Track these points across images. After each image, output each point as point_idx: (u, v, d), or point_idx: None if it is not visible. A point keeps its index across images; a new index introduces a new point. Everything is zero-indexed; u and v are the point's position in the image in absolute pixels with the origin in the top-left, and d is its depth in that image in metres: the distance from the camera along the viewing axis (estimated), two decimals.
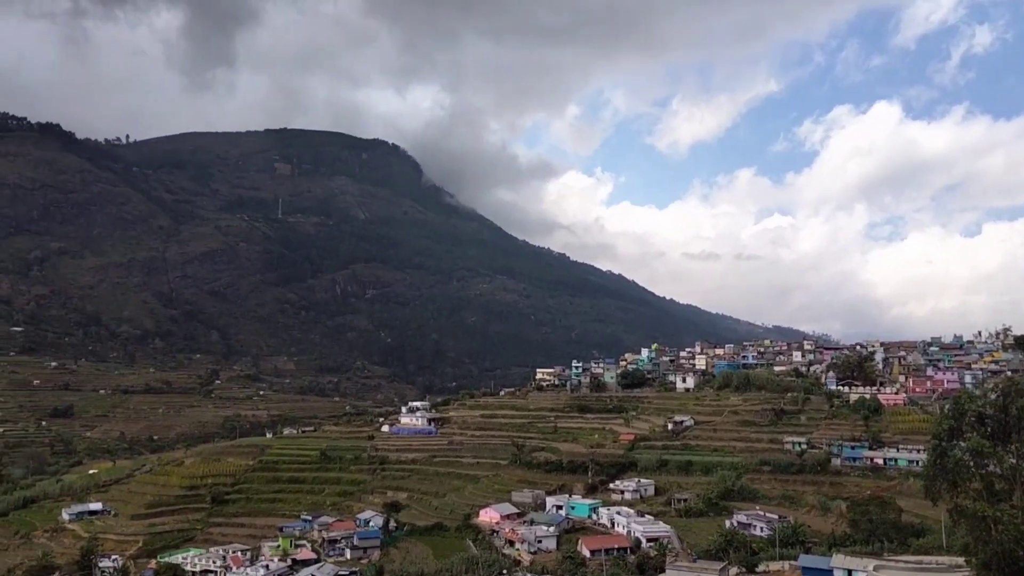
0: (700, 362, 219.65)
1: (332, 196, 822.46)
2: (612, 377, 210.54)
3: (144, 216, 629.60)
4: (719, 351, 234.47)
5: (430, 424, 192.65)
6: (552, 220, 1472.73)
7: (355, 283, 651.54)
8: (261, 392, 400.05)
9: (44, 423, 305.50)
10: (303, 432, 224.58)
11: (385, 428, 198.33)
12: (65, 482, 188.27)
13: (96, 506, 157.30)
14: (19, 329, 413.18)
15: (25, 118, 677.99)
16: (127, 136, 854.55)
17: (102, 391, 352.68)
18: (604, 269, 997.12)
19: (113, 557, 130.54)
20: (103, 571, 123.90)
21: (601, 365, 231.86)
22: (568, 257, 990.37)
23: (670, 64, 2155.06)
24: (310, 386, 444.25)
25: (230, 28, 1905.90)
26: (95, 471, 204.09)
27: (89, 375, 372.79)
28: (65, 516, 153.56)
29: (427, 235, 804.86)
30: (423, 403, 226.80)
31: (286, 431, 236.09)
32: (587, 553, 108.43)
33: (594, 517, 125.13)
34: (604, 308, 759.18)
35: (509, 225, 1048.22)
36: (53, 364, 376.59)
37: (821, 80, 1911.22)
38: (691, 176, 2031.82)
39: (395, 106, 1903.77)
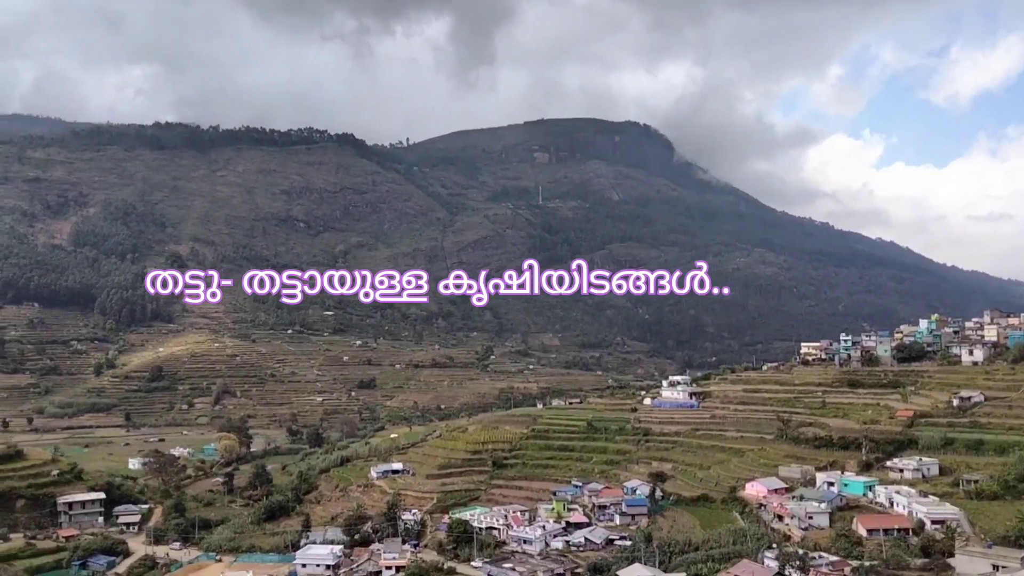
0: (990, 333, 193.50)
1: (587, 180, 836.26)
2: (886, 350, 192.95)
3: (424, 210, 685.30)
4: (1013, 320, 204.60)
5: (691, 398, 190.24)
6: (813, 188, 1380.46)
7: (612, 262, 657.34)
8: (530, 366, 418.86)
9: (353, 393, 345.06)
10: (570, 404, 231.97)
11: (647, 401, 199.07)
12: (372, 444, 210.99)
13: (397, 466, 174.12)
14: (330, 313, 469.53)
15: (326, 130, 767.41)
16: (407, 139, 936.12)
17: (397, 366, 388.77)
18: (873, 237, 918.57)
19: (413, 511, 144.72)
20: (405, 523, 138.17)
21: (873, 338, 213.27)
22: (832, 226, 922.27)
23: (947, 8, 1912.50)
24: (574, 360, 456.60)
25: (490, 28, 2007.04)
26: (395, 436, 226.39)
27: (387, 352, 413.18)
28: (373, 474, 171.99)
29: (681, 212, 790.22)
30: (684, 377, 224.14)
31: (554, 402, 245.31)
32: (863, 532, 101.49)
33: (870, 496, 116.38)
34: (874, 278, 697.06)
35: (766, 196, 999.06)
36: (358, 343, 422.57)
37: None
38: (975, 130, 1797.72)
39: (646, 86, 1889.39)
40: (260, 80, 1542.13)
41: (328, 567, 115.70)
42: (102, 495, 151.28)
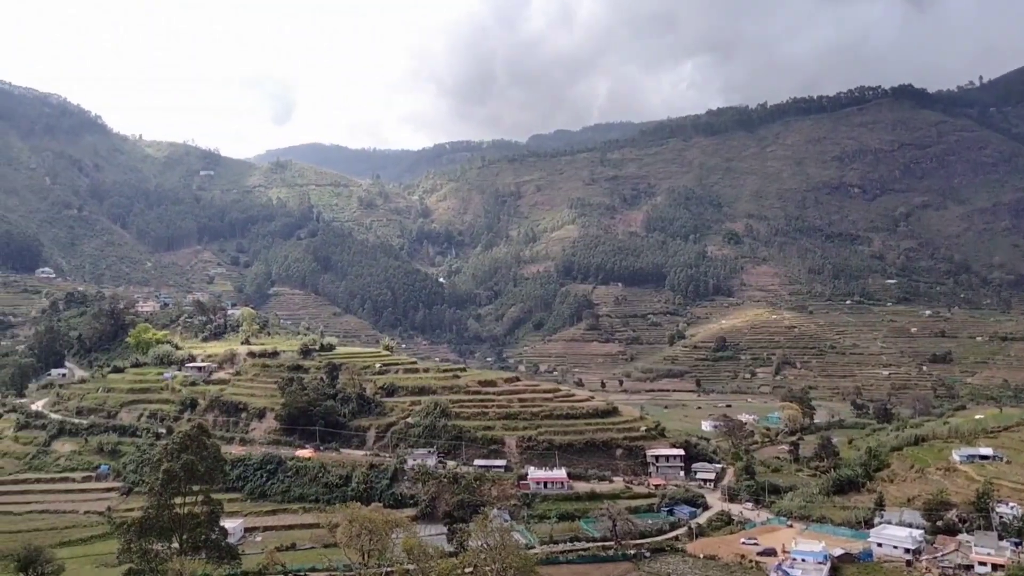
0: None
1: None
2: None
3: (1006, 157, 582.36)
4: None
5: None
6: None
7: None
8: None
9: (924, 368, 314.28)
10: None
11: None
12: (951, 425, 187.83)
13: (986, 451, 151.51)
14: (892, 281, 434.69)
15: (879, 86, 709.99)
16: (980, 78, 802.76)
17: (978, 338, 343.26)
18: None
19: (1011, 504, 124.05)
20: (1001, 516, 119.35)
21: None
22: None
23: None
24: None
25: None
26: (980, 416, 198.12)
27: (963, 322, 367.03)
28: (955, 457, 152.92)
29: None
30: None
31: None
32: None
33: None
34: None
35: None
36: (927, 312, 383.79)
37: None
38: None
39: None
40: (804, 48, 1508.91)
41: (907, 551, 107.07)
42: (681, 451, 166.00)
